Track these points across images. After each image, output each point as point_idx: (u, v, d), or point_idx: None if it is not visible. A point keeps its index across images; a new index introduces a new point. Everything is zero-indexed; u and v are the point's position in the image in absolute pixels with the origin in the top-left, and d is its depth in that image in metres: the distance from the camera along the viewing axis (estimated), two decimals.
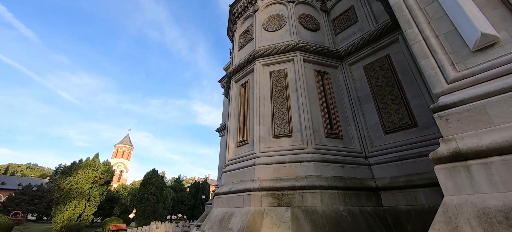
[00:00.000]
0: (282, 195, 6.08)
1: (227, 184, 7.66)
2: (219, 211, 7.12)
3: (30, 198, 37.55)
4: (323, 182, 6.06)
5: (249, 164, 7.18)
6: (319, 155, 6.74)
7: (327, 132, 7.37)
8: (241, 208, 6.38)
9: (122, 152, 72.39)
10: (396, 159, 6.43)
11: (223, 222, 6.42)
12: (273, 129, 7.54)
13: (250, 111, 8.44)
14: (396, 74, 7.44)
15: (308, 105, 7.57)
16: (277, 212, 5.79)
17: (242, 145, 8.18)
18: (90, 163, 22.50)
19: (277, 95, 8.12)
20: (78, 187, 20.75)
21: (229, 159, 8.40)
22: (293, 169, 6.56)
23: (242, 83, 9.54)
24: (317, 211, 5.58)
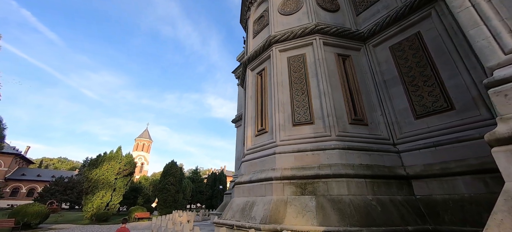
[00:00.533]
0: (305, 184, 5.87)
1: (247, 174, 7.57)
2: (240, 200, 7.08)
3: (62, 188, 40.75)
4: (349, 170, 5.74)
5: (269, 153, 7.01)
6: (343, 142, 6.39)
7: (351, 119, 6.96)
8: (263, 197, 6.27)
9: (142, 145, 75.80)
10: (430, 145, 5.93)
11: (245, 211, 6.37)
12: (293, 116, 7.26)
13: (268, 99, 8.19)
14: (429, 53, 6.77)
15: (330, 91, 7.17)
16: (301, 201, 5.60)
17: (260, 134, 8.00)
18: (114, 155, 23.67)
19: (296, 81, 7.77)
20: (104, 178, 22.00)
21: (248, 148, 8.29)
22: (315, 157, 6.29)
23: (258, 71, 9.27)
24: (344, 200, 5.32)
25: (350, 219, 4.86)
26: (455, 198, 5.10)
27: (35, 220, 15.12)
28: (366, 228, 4.56)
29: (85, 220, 21.10)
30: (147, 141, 77.99)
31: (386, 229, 4.63)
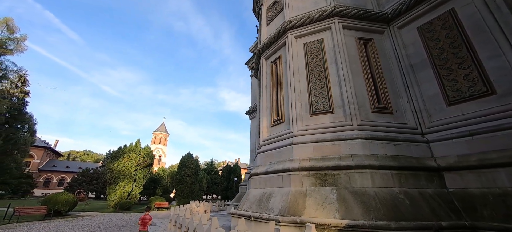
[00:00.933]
0: (326, 175, 5.60)
1: (264, 165, 7.42)
2: (257, 191, 6.97)
3: (88, 179, 43.56)
4: (373, 161, 5.37)
5: (286, 143, 6.78)
6: (366, 132, 6.00)
7: (374, 107, 6.50)
8: (281, 189, 6.10)
9: (159, 138, 78.65)
10: (465, 134, 5.37)
11: (262, 202, 6.25)
12: (310, 105, 6.93)
13: (283, 88, 7.90)
14: (464, 32, 6.08)
15: (350, 77, 6.72)
16: (321, 193, 5.36)
17: (276, 124, 7.77)
18: (133, 148, 24.64)
19: (314, 69, 7.38)
20: (125, 170, 23.04)
21: (264, 139, 8.11)
22: (336, 148, 5.97)
23: (273, 60, 8.95)
24: (368, 192, 4.99)
25: (376, 213, 4.54)
26: (495, 192, 4.59)
27: (64, 207, 16.21)
28: (395, 223, 4.23)
29: (109, 209, 22.37)
30: (164, 135, 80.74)
31: (417, 224, 4.28)
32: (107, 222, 13.79)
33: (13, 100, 40.35)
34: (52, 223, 12.92)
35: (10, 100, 39.35)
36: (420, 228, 4.26)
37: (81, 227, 11.84)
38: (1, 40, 26.07)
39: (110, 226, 12.34)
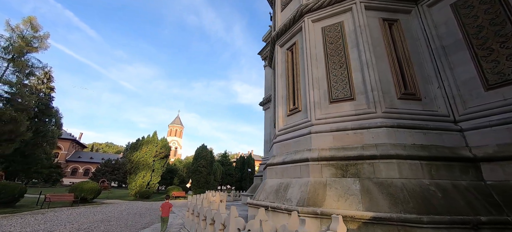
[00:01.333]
0: (347, 165, 5.31)
1: (280, 155, 7.24)
2: (274, 182, 6.83)
3: (111, 169, 46.08)
4: (400, 150, 4.99)
5: (304, 133, 6.52)
6: (391, 119, 5.57)
7: (400, 93, 6.01)
8: (299, 179, 5.90)
9: (175, 131, 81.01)
10: (507, 121, 4.81)
11: (280, 193, 6.10)
12: (329, 93, 6.57)
13: (300, 76, 7.56)
14: (509, 6, 5.36)
15: (374, 62, 6.25)
16: (342, 184, 5.10)
17: (293, 113, 7.50)
18: (151, 139, 25.49)
19: (333, 54, 6.96)
20: (144, 160, 23.97)
21: (280, 129, 7.89)
22: (358, 137, 5.63)
23: (289, 46, 8.58)
24: (395, 184, 4.66)
25: (404, 205, 4.22)
26: None
27: (90, 195, 17.25)
28: (427, 216, 3.90)
29: (130, 197, 23.53)
30: (179, 127, 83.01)
31: (452, 218, 3.91)
32: (129, 209, 14.48)
33: (40, 95, 43.04)
34: (79, 209, 13.79)
35: (38, 96, 41.99)
36: (456, 223, 3.90)
37: (105, 213, 12.51)
38: (27, 38, 27.54)
39: (131, 213, 12.92)
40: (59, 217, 10.73)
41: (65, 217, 10.81)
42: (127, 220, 10.60)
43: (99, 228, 8.65)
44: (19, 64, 26.86)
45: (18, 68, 27.34)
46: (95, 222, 9.81)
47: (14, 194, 12.19)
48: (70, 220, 10.16)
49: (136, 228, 8.79)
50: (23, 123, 28.53)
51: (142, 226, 9.30)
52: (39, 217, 10.42)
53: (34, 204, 14.30)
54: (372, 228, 4.17)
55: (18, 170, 37.09)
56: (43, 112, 42.25)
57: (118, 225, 9.30)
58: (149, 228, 8.76)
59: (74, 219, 10.46)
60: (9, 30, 26.52)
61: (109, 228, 8.68)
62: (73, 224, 9.22)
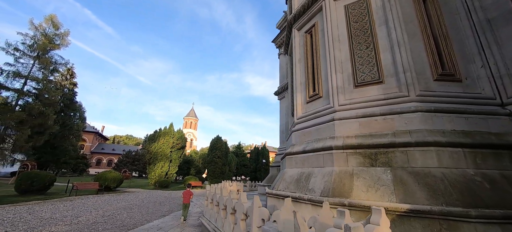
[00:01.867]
0: (376, 154, 4.88)
1: (300, 144, 6.92)
2: (294, 171, 6.56)
3: (131, 160, 48.31)
4: (439, 137, 4.47)
5: (326, 120, 6.12)
6: (427, 103, 5.02)
7: (436, 74, 5.38)
8: (322, 168, 5.57)
9: (190, 123, 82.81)
10: None
11: (301, 183, 5.83)
12: (354, 76, 6.06)
13: (320, 60, 7.08)
14: None
15: (406, 40, 5.63)
16: (371, 173, 4.70)
17: (313, 100, 7.08)
18: (167, 131, 26.12)
19: (357, 34, 6.38)
20: (161, 151, 24.69)
21: (299, 117, 7.53)
22: (388, 123, 5.14)
23: (307, 29, 8.05)
24: (433, 174, 4.19)
25: (446, 197, 3.77)
26: None
27: (113, 184, 18.10)
28: (475, 210, 3.44)
29: (150, 186, 24.51)
30: (194, 119, 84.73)
31: (505, 212, 3.42)
32: (149, 198, 15.01)
33: (64, 91, 45.48)
34: (104, 196, 14.52)
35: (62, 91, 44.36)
36: (510, 217, 3.41)
37: (127, 200, 13.04)
38: (49, 36, 28.86)
39: (151, 201, 13.36)
40: (86, 204, 11.31)
41: (91, 204, 11.37)
42: (148, 208, 10.93)
43: (122, 214, 8.96)
44: (44, 61, 28.29)
45: (43, 65, 28.84)
46: (118, 209, 10.20)
47: (45, 182, 13.01)
48: (96, 206, 10.66)
49: (156, 216, 9.00)
50: (51, 117, 30.34)
51: (162, 214, 9.52)
52: (67, 204, 11.05)
53: (63, 191, 15.24)
54: (409, 222, 3.79)
55: (49, 160, 39.93)
56: (68, 106, 44.83)
57: (139, 212, 9.60)
58: (169, 216, 8.94)
59: (99, 206, 10.96)
60: (32, 28, 27.86)
61: (131, 215, 8.97)
62: (98, 211, 9.64)
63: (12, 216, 7.67)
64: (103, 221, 7.62)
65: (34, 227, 6.42)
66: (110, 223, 7.32)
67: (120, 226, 7.07)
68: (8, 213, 8.13)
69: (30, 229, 6.20)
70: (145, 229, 6.77)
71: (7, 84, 26.63)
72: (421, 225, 3.71)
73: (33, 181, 12.52)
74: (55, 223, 7.03)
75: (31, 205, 10.19)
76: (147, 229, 6.77)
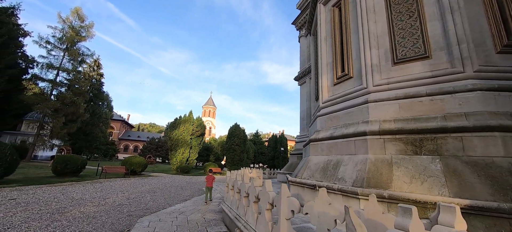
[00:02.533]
0: (421, 140, 4.20)
1: (326, 129, 6.36)
2: (319, 159, 6.07)
3: (155, 147, 50.81)
4: (506, 120, 3.67)
5: (358, 102, 5.46)
6: (489, 80, 4.16)
7: (500, 45, 4.42)
8: (353, 156, 5.02)
9: (208, 111, 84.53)
10: None
11: (328, 171, 5.34)
12: (393, 52, 5.26)
13: (351, 35, 6.29)
14: None
15: (461, 4, 4.67)
16: (414, 162, 4.06)
17: (342, 81, 6.40)
18: (187, 118, 26.66)
19: (397, 2, 5.48)
20: (182, 138, 25.37)
21: (325, 100, 6.91)
22: (436, 105, 4.39)
23: (335, 2, 7.19)
24: (497, 164, 3.46)
25: None
26: None
27: (138, 168, 19.02)
28: None
29: (172, 171, 25.51)
30: (212, 108, 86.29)
31: None
32: (172, 182, 15.54)
33: (92, 81, 48.28)
34: (130, 180, 15.28)
35: (91, 82, 47.14)
36: None
37: (151, 184, 13.58)
38: (76, 28, 30.29)
39: (174, 186, 13.77)
40: (113, 187, 11.92)
41: (118, 187, 11.96)
42: (170, 192, 11.22)
43: (145, 198, 9.24)
44: (73, 52, 29.91)
45: (72, 57, 30.54)
46: (143, 193, 10.57)
47: (77, 165, 13.95)
48: (122, 189, 11.17)
49: (178, 200, 9.15)
50: (81, 105, 32.44)
51: (183, 198, 9.66)
52: (97, 186, 11.72)
53: (94, 174, 16.32)
54: (467, 220, 3.17)
55: (82, 146, 43.37)
56: (96, 96, 47.81)
57: (162, 196, 9.84)
58: (190, 201, 9.03)
59: (125, 188, 11.48)
60: (60, 22, 29.34)
61: (154, 198, 9.21)
62: (124, 193, 10.05)
63: (47, 195, 8.23)
64: (128, 203, 7.87)
65: (65, 206, 6.77)
66: (134, 206, 7.52)
67: (144, 209, 7.22)
68: (44, 193, 8.75)
69: (61, 208, 6.54)
70: (167, 212, 6.83)
71: (42, 75, 28.80)
72: (483, 225, 3.08)
73: (67, 164, 13.47)
74: (84, 203, 7.38)
75: (65, 186, 10.95)
76: (169, 212, 6.81)
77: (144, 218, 5.97)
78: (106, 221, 5.49)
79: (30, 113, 34.80)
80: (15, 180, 11.26)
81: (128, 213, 6.56)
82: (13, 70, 26.14)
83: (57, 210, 6.27)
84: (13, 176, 12.39)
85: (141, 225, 5.30)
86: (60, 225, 4.98)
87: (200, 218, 6.13)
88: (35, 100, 26.89)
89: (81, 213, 6.12)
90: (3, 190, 8.66)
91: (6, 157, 9.37)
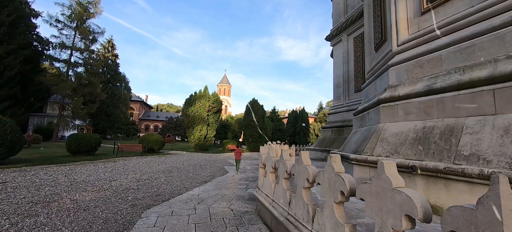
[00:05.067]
0: None
1: (411, 82, 4.12)
2: (404, 127, 3.94)
3: (173, 125, 51.17)
4: None
5: (486, 27, 3.10)
6: None
7: None
8: (491, 118, 2.82)
9: (223, 90, 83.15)
10: None
11: (431, 144, 3.23)
12: None
13: None
14: None
15: None
16: None
17: (440, 3, 3.95)
18: (203, 94, 25.15)
19: None
20: (198, 115, 24.11)
21: (403, 41, 4.56)
22: None
23: None
24: None
25: None
26: None
27: (156, 146, 18.17)
28: None
29: (191, 149, 24.77)
30: (227, 86, 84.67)
31: None
32: (190, 160, 14.38)
33: (108, 62, 48.18)
34: (147, 158, 14.33)
35: (106, 63, 47.02)
36: None
37: (168, 163, 12.43)
38: (83, 4, 28.88)
39: (192, 164, 12.52)
40: (127, 166, 10.84)
41: (132, 166, 10.85)
42: (188, 172, 9.87)
43: (159, 179, 7.87)
44: (83, 30, 28.81)
45: (83, 35, 29.56)
46: (157, 172, 9.29)
47: (91, 144, 13.09)
48: (135, 169, 9.99)
49: (197, 182, 7.68)
50: (98, 85, 32.13)
51: (203, 179, 8.18)
52: (109, 165, 10.70)
53: (111, 153, 15.63)
54: None
55: (105, 126, 44.59)
56: (113, 77, 47.91)
57: (178, 177, 8.46)
58: (211, 183, 7.53)
59: (138, 168, 10.31)
60: None
61: (169, 180, 7.83)
62: (136, 173, 8.81)
63: (47, 177, 7.12)
64: (136, 187, 6.47)
65: (57, 192, 5.47)
66: (144, 191, 6.08)
67: (154, 195, 5.75)
68: (45, 174, 7.69)
69: (52, 195, 5.23)
70: (183, 200, 5.29)
71: (56, 55, 28.38)
72: None
73: (80, 143, 12.63)
74: (84, 188, 6.09)
75: (74, 165, 9.99)
76: (186, 200, 5.27)
77: (151, 210, 4.43)
78: (99, 216, 3.98)
79: (53, 95, 35.49)
80: (27, 160, 10.55)
81: (133, 201, 5.09)
82: (27, 50, 25.76)
83: (45, 198, 4.93)
84: (29, 156, 11.80)
85: (145, 224, 3.72)
86: (33, 224, 3.51)
87: (227, 211, 4.48)
88: (52, 81, 26.77)
89: (73, 202, 4.72)
90: (4, 171, 7.71)
91: (6, 135, 8.32)
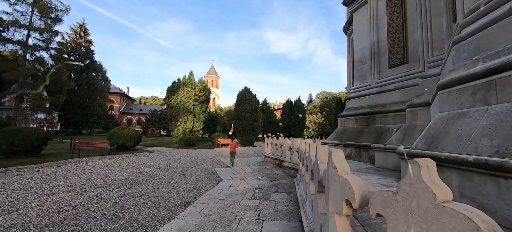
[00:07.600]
0: None
1: None
2: None
3: (158, 119, 47.20)
4: None
5: None
6: None
7: None
8: None
9: (211, 81, 79.03)
10: None
11: None
12: None
13: None
14: None
15: None
16: None
17: None
18: (187, 81, 21.82)
19: None
20: (183, 105, 20.85)
21: None
22: None
23: None
24: None
25: None
26: None
27: (129, 142, 14.91)
28: None
29: (175, 144, 21.57)
30: (215, 77, 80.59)
31: None
32: (170, 160, 11.38)
33: (81, 49, 42.90)
34: (112, 159, 11.08)
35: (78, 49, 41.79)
36: None
37: (138, 166, 9.39)
38: None
39: (172, 166, 9.55)
40: (72, 172, 7.67)
41: (79, 173, 7.64)
42: (161, 182, 6.93)
43: (105, 202, 4.90)
44: (42, 6, 24.11)
45: (42, 13, 24.89)
46: (110, 185, 6.27)
47: (31, 141, 9.66)
48: (80, 179, 6.82)
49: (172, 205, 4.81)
50: (64, 72, 27.72)
51: (183, 198, 5.26)
52: (44, 173, 7.47)
53: (68, 152, 12.23)
54: None
55: (80, 120, 39.94)
56: (88, 66, 42.82)
57: (142, 195, 5.51)
58: (195, 206, 4.70)
59: (86, 177, 7.12)
60: None
61: (122, 204, 4.89)
62: (73, 189, 5.75)
63: None
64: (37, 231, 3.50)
65: None
66: None
67: None
68: None
69: None
70: None
71: (8, 36, 23.67)
72: None
73: (13, 140, 9.18)
74: None
75: None
76: None
77: None
78: None
79: (14, 85, 30.46)
80: None
81: None
82: None
83: None
84: None
85: None
86: None
87: None
88: (4, 66, 22.25)
89: None
90: None
91: None
